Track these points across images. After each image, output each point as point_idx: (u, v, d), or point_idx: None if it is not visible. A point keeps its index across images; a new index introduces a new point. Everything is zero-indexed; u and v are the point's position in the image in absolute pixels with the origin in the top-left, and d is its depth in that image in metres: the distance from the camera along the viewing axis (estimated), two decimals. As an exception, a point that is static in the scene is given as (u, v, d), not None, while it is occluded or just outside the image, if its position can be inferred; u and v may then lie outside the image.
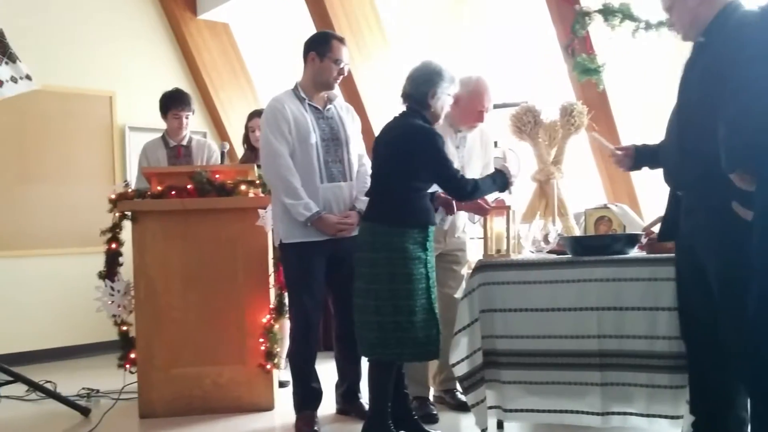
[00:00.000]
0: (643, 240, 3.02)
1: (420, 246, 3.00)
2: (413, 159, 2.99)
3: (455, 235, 3.66)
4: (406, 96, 3.11)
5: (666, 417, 2.81)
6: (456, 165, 3.25)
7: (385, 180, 3.06)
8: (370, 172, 3.48)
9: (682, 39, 2.60)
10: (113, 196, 3.92)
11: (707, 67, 2.40)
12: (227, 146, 4.38)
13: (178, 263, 3.84)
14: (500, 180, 3.12)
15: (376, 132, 5.14)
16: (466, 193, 3.04)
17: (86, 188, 5.86)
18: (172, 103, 4.62)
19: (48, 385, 4.11)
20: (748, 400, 2.44)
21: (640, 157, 2.87)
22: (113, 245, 4.04)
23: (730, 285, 2.36)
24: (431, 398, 3.70)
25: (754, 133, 2.03)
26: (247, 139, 4.80)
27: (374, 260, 2.98)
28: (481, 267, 3.11)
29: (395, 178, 3.01)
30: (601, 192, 4.56)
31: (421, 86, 3.06)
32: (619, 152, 2.92)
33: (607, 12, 4.07)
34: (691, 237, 2.53)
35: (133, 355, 3.94)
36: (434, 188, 3.14)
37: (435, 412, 3.55)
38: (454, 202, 3.23)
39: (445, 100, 3.09)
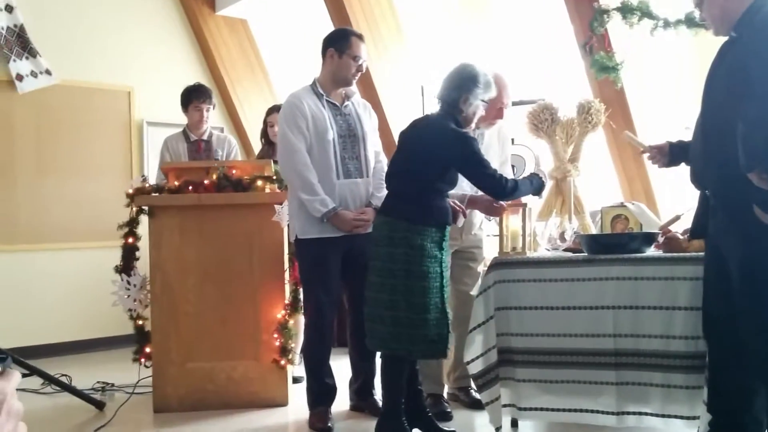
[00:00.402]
0: (660, 239, 3.00)
1: (437, 245, 3.00)
2: (446, 163, 3.00)
3: (471, 232, 3.66)
4: (440, 98, 3.12)
5: (681, 417, 2.79)
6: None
7: (409, 177, 3.04)
8: (386, 168, 3.48)
9: (714, 34, 2.57)
10: (130, 191, 3.95)
11: (733, 64, 2.37)
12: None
13: (194, 258, 3.85)
14: (537, 182, 3.13)
15: (393, 128, 5.21)
16: (506, 193, 3.04)
17: (104, 183, 5.90)
18: (194, 94, 4.66)
19: (63, 379, 4.14)
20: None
21: (675, 153, 2.83)
22: (130, 240, 4.06)
23: (751, 286, 2.35)
24: (445, 395, 3.70)
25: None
26: (265, 134, 4.82)
27: (392, 255, 2.97)
28: (496, 264, 3.10)
29: (421, 178, 3.01)
30: (617, 190, 4.53)
31: (453, 91, 3.06)
32: (653, 150, 2.89)
33: (625, 10, 4.04)
34: (717, 237, 2.52)
35: (148, 350, 3.95)
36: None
37: (449, 410, 3.54)
38: (460, 212, 3.23)
39: (477, 105, 3.08)
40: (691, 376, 2.75)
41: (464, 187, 3.27)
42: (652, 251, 2.96)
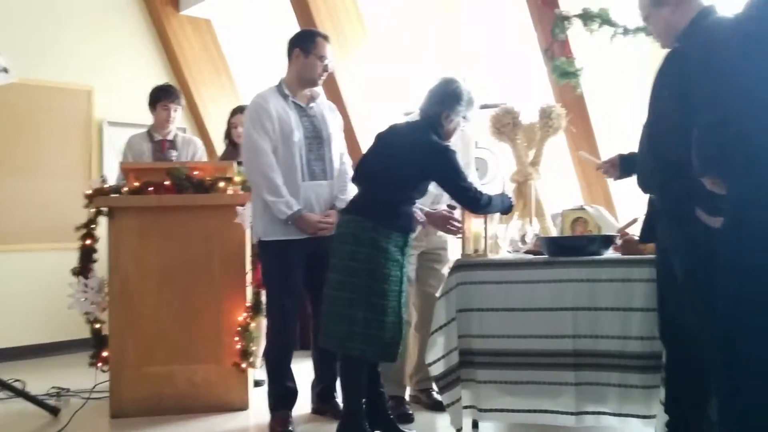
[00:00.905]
0: (618, 241, 3.04)
1: (399, 250, 3.02)
2: (425, 174, 3.05)
3: (437, 233, 3.67)
4: (422, 110, 3.16)
5: (638, 416, 2.84)
6: None
7: (383, 180, 3.05)
8: (350, 171, 3.48)
9: (661, 46, 2.67)
10: (89, 192, 3.88)
11: (677, 74, 2.46)
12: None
13: (154, 260, 3.80)
14: (507, 202, 3.19)
15: (357, 130, 5.20)
16: (481, 206, 3.07)
17: (62, 183, 5.79)
18: (163, 94, 4.61)
19: (17, 384, 4.04)
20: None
21: (625, 165, 2.92)
22: (88, 241, 3.99)
23: (694, 287, 2.42)
24: (407, 398, 3.70)
25: (729, 138, 2.05)
26: (228, 135, 4.78)
27: (356, 254, 2.97)
28: (458, 266, 3.12)
29: (396, 183, 3.03)
30: (577, 193, 4.59)
31: (436, 105, 3.11)
32: (606, 164, 2.99)
33: (586, 17, 4.09)
34: (663, 240, 2.60)
35: (105, 354, 3.88)
36: None
37: (410, 412, 3.54)
38: (420, 222, 3.28)
39: (458, 122, 3.14)
40: (647, 376, 2.79)
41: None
42: (610, 253, 3.01)
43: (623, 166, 2.93)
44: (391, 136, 3.17)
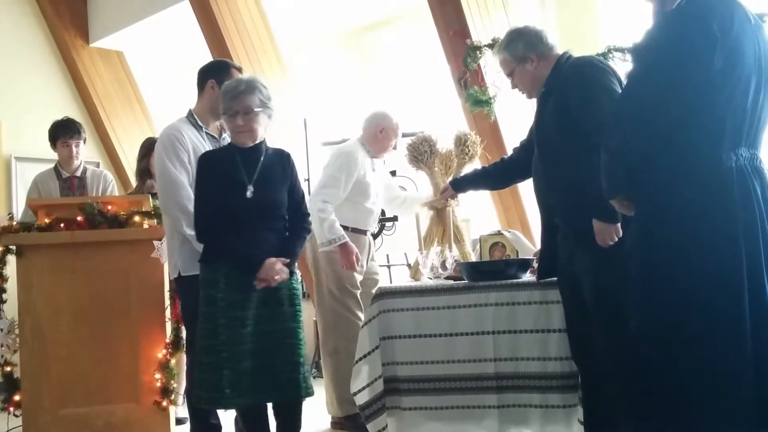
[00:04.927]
0: (535, 264, 3.13)
1: (208, 283, 2.96)
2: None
3: (372, 259, 3.80)
4: None
5: (559, 436, 2.91)
6: (378, 185, 3.89)
7: None
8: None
9: (527, 97, 2.88)
10: (-4, 230, 3.74)
11: (553, 112, 2.66)
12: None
13: (68, 298, 3.67)
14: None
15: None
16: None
17: (-33, 222, 5.53)
18: (61, 131, 4.48)
19: None
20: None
21: (456, 185, 3.45)
22: (-5, 281, 3.83)
23: (605, 308, 2.53)
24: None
25: (634, 161, 2.15)
26: (145, 171, 4.58)
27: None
28: (380, 294, 3.14)
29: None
30: (495, 219, 4.70)
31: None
32: (444, 195, 3.45)
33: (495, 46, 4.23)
34: (569, 263, 2.69)
35: (17, 398, 3.72)
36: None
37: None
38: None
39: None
40: (567, 396, 2.87)
41: None
42: (527, 277, 3.09)
43: (455, 186, 3.44)
44: None
